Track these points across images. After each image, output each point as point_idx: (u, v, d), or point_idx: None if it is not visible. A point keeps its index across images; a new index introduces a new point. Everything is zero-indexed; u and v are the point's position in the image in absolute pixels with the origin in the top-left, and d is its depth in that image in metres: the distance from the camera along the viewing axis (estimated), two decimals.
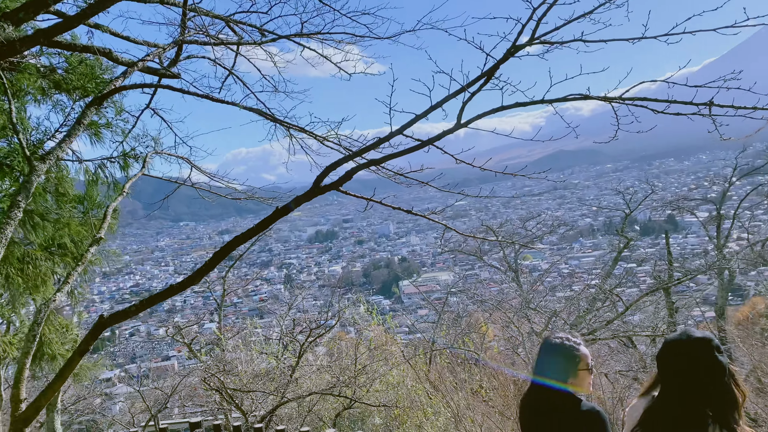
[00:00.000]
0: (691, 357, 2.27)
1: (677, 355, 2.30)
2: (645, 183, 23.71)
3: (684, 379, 2.27)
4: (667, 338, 2.41)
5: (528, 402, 2.86)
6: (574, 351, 2.79)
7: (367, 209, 3.55)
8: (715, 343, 2.31)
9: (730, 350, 16.19)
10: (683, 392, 2.27)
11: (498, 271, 22.90)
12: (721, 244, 21.06)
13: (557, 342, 2.81)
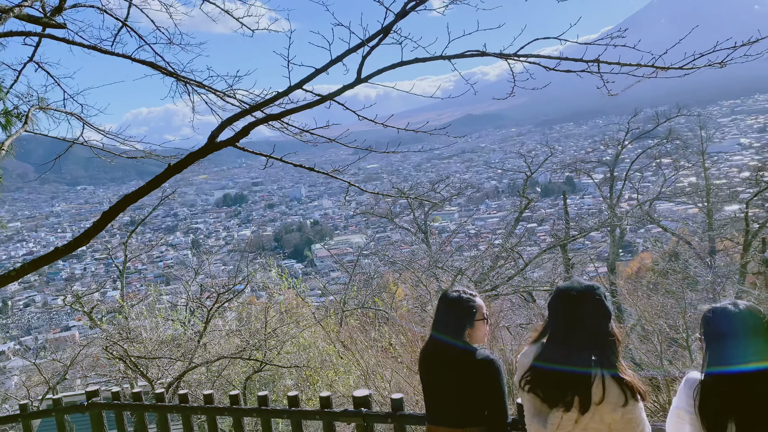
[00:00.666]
0: (579, 303, 2.38)
1: (566, 301, 2.41)
2: (546, 146, 24.77)
3: (571, 324, 2.39)
4: (558, 286, 2.54)
5: (426, 354, 2.94)
6: (470, 303, 2.88)
7: (267, 167, 3.47)
8: (601, 290, 2.44)
9: (619, 302, 17.46)
10: (570, 336, 2.39)
11: (409, 233, 23.37)
12: (613, 204, 22.45)
13: (455, 296, 2.89)
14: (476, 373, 2.76)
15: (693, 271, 17.26)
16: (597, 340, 2.38)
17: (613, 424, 2.36)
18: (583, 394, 2.32)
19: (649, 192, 24.37)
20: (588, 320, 2.39)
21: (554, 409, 2.39)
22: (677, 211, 31.52)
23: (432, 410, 2.93)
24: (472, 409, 2.80)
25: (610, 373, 2.34)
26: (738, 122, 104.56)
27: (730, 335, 2.20)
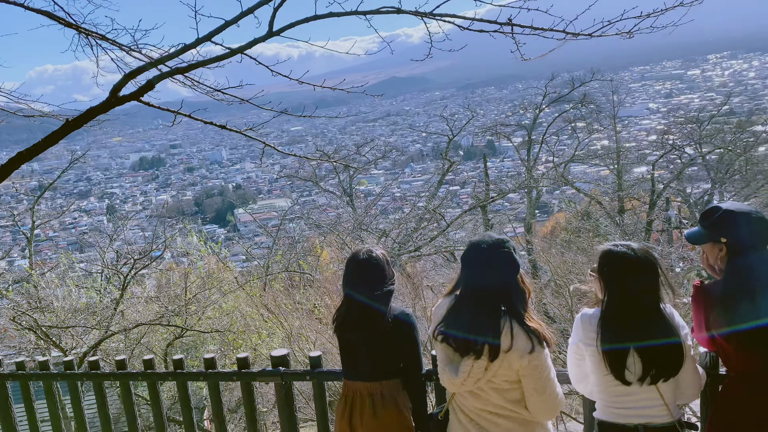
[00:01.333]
0: (490, 255, 2.48)
1: (478, 254, 2.51)
2: (468, 110, 25.13)
3: (482, 275, 2.49)
4: (470, 241, 2.63)
5: (341, 313, 2.97)
6: (379, 261, 2.92)
7: (175, 123, 3.33)
8: (510, 244, 2.56)
9: (535, 260, 18.25)
10: (481, 287, 2.49)
11: (334, 197, 23.32)
12: (530, 167, 23.20)
13: (365, 256, 2.91)
14: (391, 329, 2.82)
15: (603, 229, 18.21)
16: (507, 290, 2.49)
17: (521, 370, 2.47)
18: (493, 343, 2.43)
19: (565, 155, 25.32)
20: (498, 272, 2.49)
21: (465, 358, 2.48)
22: (590, 173, 32.93)
23: (348, 366, 2.99)
24: (388, 364, 2.88)
25: (518, 321, 2.45)
26: (647, 87, 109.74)
27: (627, 274, 2.44)
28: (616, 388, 2.50)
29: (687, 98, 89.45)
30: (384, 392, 2.86)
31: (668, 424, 2.48)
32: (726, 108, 25.50)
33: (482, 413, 2.60)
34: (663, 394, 2.47)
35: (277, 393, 3.48)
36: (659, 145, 24.06)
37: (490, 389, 2.54)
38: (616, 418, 2.53)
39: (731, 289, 2.42)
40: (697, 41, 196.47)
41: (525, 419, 2.57)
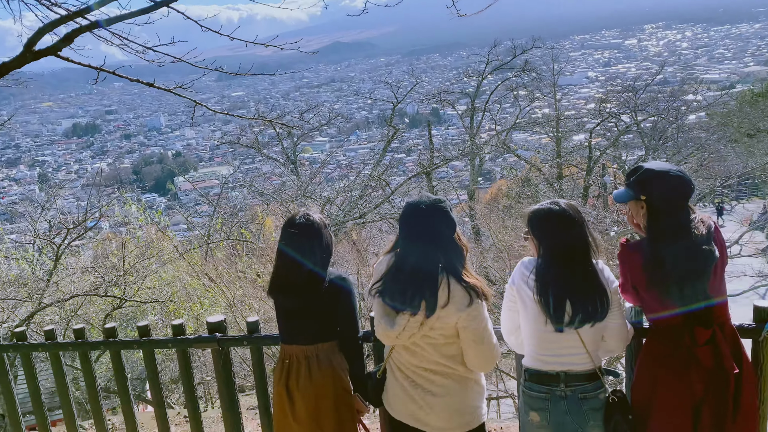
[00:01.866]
0: (428, 214, 2.53)
1: (416, 213, 2.56)
2: (412, 77, 25.06)
3: (421, 233, 2.54)
4: (408, 201, 2.66)
5: (277, 278, 2.93)
6: (316, 226, 2.89)
7: (98, 81, 3.17)
8: (447, 203, 2.62)
9: (478, 226, 18.59)
10: (419, 245, 2.54)
11: (278, 164, 22.96)
12: (473, 134, 23.44)
13: (301, 220, 2.88)
14: (328, 293, 2.83)
15: (543, 195, 18.66)
16: (444, 247, 2.54)
17: (459, 322, 2.52)
18: (430, 298, 2.47)
19: (507, 123, 25.66)
20: (436, 229, 2.54)
21: (402, 312, 2.51)
22: (531, 140, 33.54)
23: (285, 330, 2.98)
24: (324, 327, 2.89)
25: (455, 278, 2.50)
26: (587, 56, 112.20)
27: (554, 227, 2.56)
28: (543, 335, 2.58)
29: (624, 67, 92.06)
30: (320, 355, 2.88)
31: (589, 370, 2.58)
32: (660, 77, 26.35)
33: (418, 370, 2.64)
34: (585, 342, 2.55)
35: (215, 360, 3.43)
36: (597, 113, 24.67)
37: (426, 344, 2.59)
38: (540, 366, 2.62)
39: (651, 246, 2.51)
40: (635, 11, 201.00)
41: (461, 375, 2.63)
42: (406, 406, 2.70)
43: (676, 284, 2.46)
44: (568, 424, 2.59)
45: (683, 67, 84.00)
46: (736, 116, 24.80)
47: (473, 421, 2.70)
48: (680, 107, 23.62)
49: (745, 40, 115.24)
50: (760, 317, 2.74)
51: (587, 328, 2.55)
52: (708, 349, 2.46)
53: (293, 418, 2.92)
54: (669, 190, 2.52)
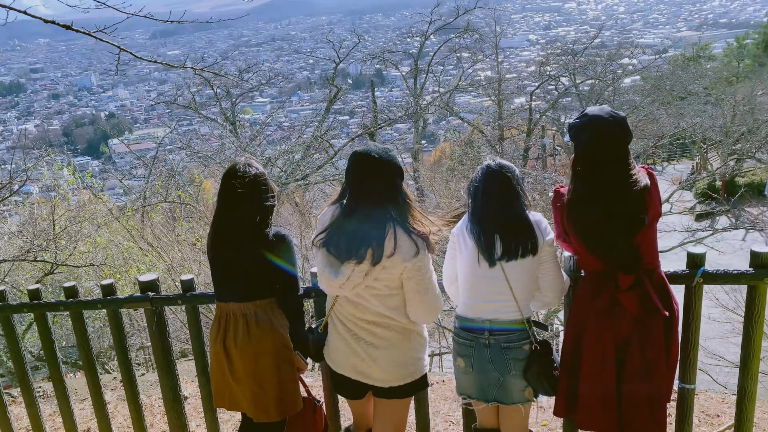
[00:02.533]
0: (376, 163, 2.46)
1: (364, 162, 2.48)
2: (355, 35, 24.58)
3: (367, 183, 2.48)
4: (355, 150, 2.57)
5: (214, 232, 2.81)
6: (258, 177, 2.75)
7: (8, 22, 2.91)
8: (394, 152, 2.56)
9: (422, 187, 18.72)
10: (366, 194, 2.48)
11: (217, 125, 22.28)
12: (417, 95, 23.36)
13: (242, 170, 2.73)
14: (267, 248, 2.73)
15: (485, 157, 18.88)
16: (391, 197, 2.49)
17: (404, 272, 2.48)
18: (377, 247, 2.43)
19: (450, 85, 25.68)
20: (383, 179, 2.49)
21: (346, 262, 2.46)
22: (474, 103, 33.80)
23: (221, 287, 2.86)
24: (263, 283, 2.79)
25: (402, 228, 2.46)
26: (528, 19, 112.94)
27: (487, 178, 2.62)
28: (475, 279, 2.64)
29: (564, 30, 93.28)
30: (258, 312, 2.78)
31: (515, 320, 2.62)
32: (598, 41, 26.81)
33: (360, 322, 2.62)
34: (513, 289, 2.59)
35: (148, 320, 3.29)
36: (537, 76, 24.99)
37: (370, 296, 2.55)
38: (469, 313, 2.68)
39: (576, 194, 2.52)
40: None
41: (404, 327, 2.61)
42: (348, 360, 2.68)
43: (596, 235, 2.47)
44: (490, 372, 2.64)
45: (620, 31, 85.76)
46: (668, 79, 25.58)
47: (415, 373, 2.70)
48: (616, 70, 24.20)
49: (678, 5, 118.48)
50: (693, 263, 2.79)
51: (518, 275, 2.59)
52: (632, 295, 2.46)
53: (232, 377, 2.83)
54: (595, 136, 2.45)
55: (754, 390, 2.88)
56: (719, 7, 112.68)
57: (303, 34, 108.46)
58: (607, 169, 2.45)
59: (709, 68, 30.56)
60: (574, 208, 2.51)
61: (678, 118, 23.12)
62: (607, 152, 2.47)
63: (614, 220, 2.44)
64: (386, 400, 2.75)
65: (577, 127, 2.51)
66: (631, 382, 2.52)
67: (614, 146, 2.46)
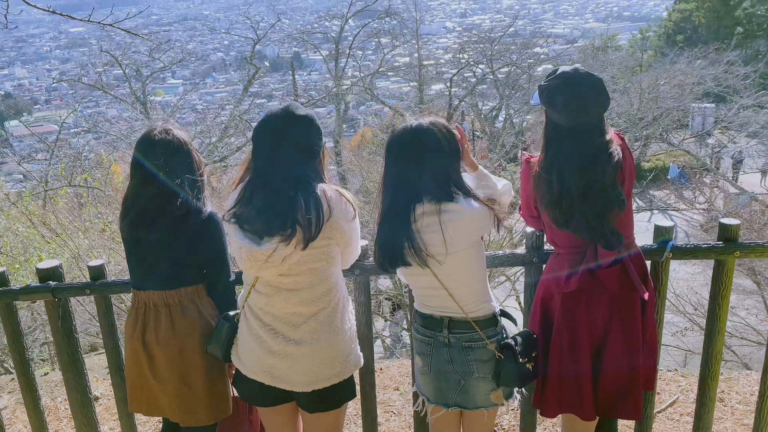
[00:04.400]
0: (293, 121, 2.16)
1: (277, 122, 2.16)
2: (274, 12, 23.89)
3: (281, 147, 2.16)
4: (266, 112, 2.25)
5: (129, 209, 2.43)
6: (180, 143, 2.38)
7: None
8: (313, 113, 2.24)
9: (345, 172, 18.56)
10: (280, 160, 2.15)
11: (127, 107, 21.12)
12: (338, 78, 23.10)
13: (160, 136, 2.35)
14: (194, 227, 2.39)
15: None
16: (311, 159, 2.20)
17: (342, 237, 2.23)
18: (311, 214, 2.10)
19: (370, 69, 25.57)
20: (301, 140, 2.18)
21: (268, 238, 2.13)
22: (393, 88, 33.81)
23: (139, 273, 2.48)
24: (189, 268, 2.45)
25: (330, 189, 2.18)
26: (444, 6, 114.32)
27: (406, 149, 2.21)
28: (413, 277, 2.33)
29: (479, 19, 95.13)
30: (184, 301, 2.43)
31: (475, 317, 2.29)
32: (512, 30, 27.43)
33: (281, 313, 2.25)
34: (444, 284, 2.26)
35: (49, 314, 2.88)
36: (455, 63, 25.33)
37: (302, 271, 2.19)
38: (425, 309, 2.37)
39: (548, 164, 2.28)
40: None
41: (330, 320, 2.28)
42: (262, 362, 2.29)
43: (570, 209, 2.25)
44: (450, 374, 2.32)
45: (532, 21, 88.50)
46: None
47: (344, 371, 2.34)
48: (529, 59, 24.89)
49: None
50: (661, 236, 2.64)
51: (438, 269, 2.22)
52: (613, 271, 2.26)
53: (153, 377, 2.47)
54: (571, 99, 2.18)
55: (717, 369, 2.78)
56: (623, 1, 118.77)
57: (217, 13, 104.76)
58: (584, 136, 2.22)
59: (615, 58, 32.04)
60: (546, 179, 2.28)
61: None
62: (584, 118, 2.21)
63: (591, 193, 2.21)
64: (311, 414, 2.39)
65: (549, 89, 2.24)
66: (612, 363, 2.33)
67: (592, 111, 2.22)
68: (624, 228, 2.32)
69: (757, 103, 19.70)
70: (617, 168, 2.22)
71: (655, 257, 2.63)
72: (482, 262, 2.33)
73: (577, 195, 2.23)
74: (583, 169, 2.22)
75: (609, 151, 2.22)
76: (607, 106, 2.24)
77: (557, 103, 2.21)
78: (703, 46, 26.14)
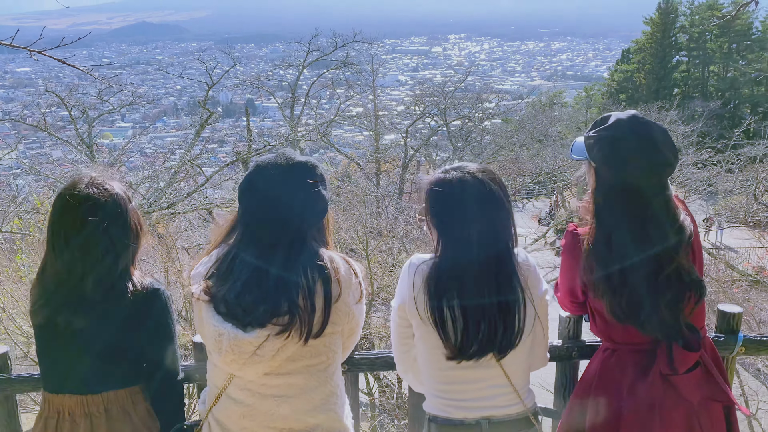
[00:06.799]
0: (289, 181, 1.74)
1: (270, 181, 1.73)
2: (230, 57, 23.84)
3: (277, 212, 1.73)
4: (255, 161, 1.82)
5: (45, 283, 1.88)
6: (114, 197, 1.86)
7: None
8: (321, 167, 1.85)
9: None
10: (275, 228, 1.71)
11: (72, 149, 20.41)
12: (294, 125, 23.08)
13: (86, 191, 1.82)
14: (131, 308, 1.85)
15: (362, 189, 18.86)
16: (316, 219, 1.78)
17: (349, 323, 1.79)
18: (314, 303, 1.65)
19: (325, 117, 25.75)
20: (302, 207, 1.72)
21: (258, 329, 1.66)
22: (347, 137, 34.15)
23: (53, 371, 1.90)
24: (121, 362, 1.88)
25: (334, 264, 1.75)
26: (397, 60, 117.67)
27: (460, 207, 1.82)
28: (450, 371, 1.81)
29: (431, 73, 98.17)
30: (112, 408, 1.84)
31: (519, 414, 1.84)
32: (463, 85, 28.25)
33: None
34: (510, 375, 1.82)
35: None
36: (408, 114, 25.82)
37: (296, 369, 1.72)
38: (452, 412, 1.83)
39: (604, 237, 1.82)
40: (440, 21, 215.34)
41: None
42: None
43: (636, 297, 1.78)
44: None
45: (482, 77, 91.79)
46: (529, 122, 27.51)
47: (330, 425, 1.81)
48: (478, 114, 25.60)
49: (532, 56, 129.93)
50: (729, 326, 2.20)
51: (514, 355, 1.80)
52: (693, 378, 1.82)
53: None
54: (632, 153, 1.75)
55: None
56: (567, 61, 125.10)
57: (171, 59, 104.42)
58: (649, 202, 1.78)
59: (562, 114, 33.30)
60: (602, 257, 1.80)
61: (538, 158, 24.74)
62: (653, 179, 1.77)
63: (663, 276, 1.76)
64: None
65: (603, 141, 1.80)
66: None
67: (663, 171, 1.78)
68: (699, 320, 1.90)
69: (697, 160, 20.56)
70: (690, 243, 1.82)
71: (723, 352, 2.16)
72: None
73: (645, 279, 1.77)
74: (651, 245, 1.77)
75: (680, 222, 1.82)
76: (677, 162, 1.83)
77: (616, 160, 1.78)
78: (644, 105, 27.43)
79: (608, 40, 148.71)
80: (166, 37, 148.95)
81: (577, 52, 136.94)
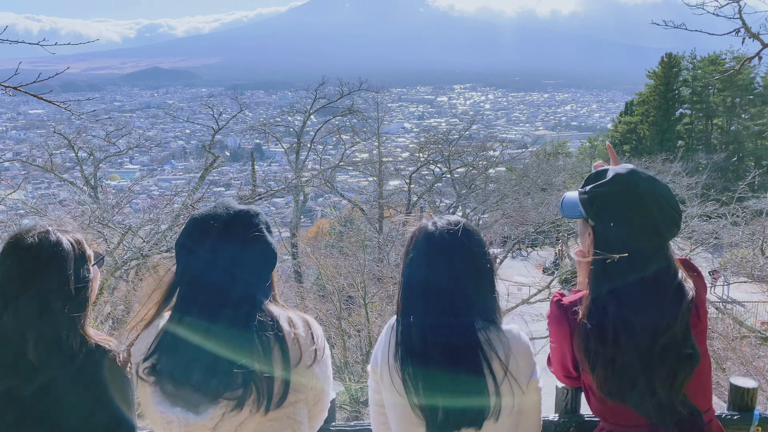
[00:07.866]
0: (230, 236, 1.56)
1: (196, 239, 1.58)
2: (237, 102, 24.21)
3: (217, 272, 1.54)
4: (193, 215, 1.64)
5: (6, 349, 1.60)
6: (59, 249, 1.62)
7: None
8: (263, 216, 1.64)
9: (300, 264, 18.11)
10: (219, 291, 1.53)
11: (79, 191, 20.55)
12: (299, 170, 23.23)
13: (35, 241, 1.60)
14: (83, 373, 1.59)
15: (365, 234, 18.82)
16: (264, 274, 1.61)
17: (313, 389, 1.62)
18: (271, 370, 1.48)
19: (330, 163, 25.96)
20: (249, 261, 1.55)
21: (209, 404, 1.48)
22: (351, 182, 34.37)
23: None
24: None
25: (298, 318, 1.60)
26: (403, 108, 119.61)
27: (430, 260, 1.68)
28: None
29: (436, 121, 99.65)
30: None
31: None
32: (467, 133, 28.53)
33: None
34: None
35: None
36: (413, 161, 26.00)
37: None
38: None
39: (601, 307, 1.62)
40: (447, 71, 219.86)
41: None
42: None
43: (630, 374, 1.59)
44: None
45: (486, 126, 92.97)
46: (533, 171, 27.56)
47: None
48: (483, 162, 25.72)
49: (536, 107, 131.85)
50: (743, 403, 1.99)
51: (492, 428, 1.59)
52: None
53: None
54: (633, 212, 1.59)
55: None
56: (571, 111, 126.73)
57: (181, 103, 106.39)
58: (649, 266, 1.59)
59: (566, 164, 33.44)
60: (595, 331, 1.60)
61: (543, 207, 24.70)
62: (655, 241, 1.59)
63: (657, 348, 1.56)
64: None
65: (600, 198, 1.64)
66: None
67: (665, 232, 1.61)
68: (702, 398, 1.67)
69: (703, 212, 20.46)
70: (690, 309, 1.61)
71: (739, 431, 1.95)
72: None
73: (639, 353, 1.57)
74: (649, 314, 1.58)
75: (682, 284, 1.63)
76: (681, 221, 1.64)
77: (616, 219, 1.60)
78: (648, 156, 27.51)
79: (611, 92, 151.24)
80: (177, 83, 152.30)
81: (581, 103, 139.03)
